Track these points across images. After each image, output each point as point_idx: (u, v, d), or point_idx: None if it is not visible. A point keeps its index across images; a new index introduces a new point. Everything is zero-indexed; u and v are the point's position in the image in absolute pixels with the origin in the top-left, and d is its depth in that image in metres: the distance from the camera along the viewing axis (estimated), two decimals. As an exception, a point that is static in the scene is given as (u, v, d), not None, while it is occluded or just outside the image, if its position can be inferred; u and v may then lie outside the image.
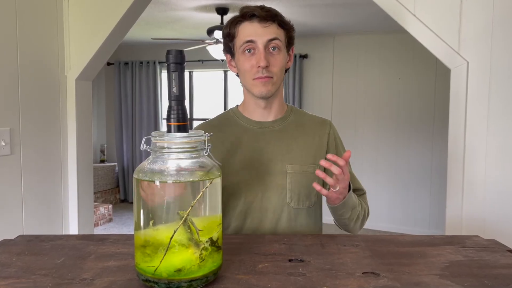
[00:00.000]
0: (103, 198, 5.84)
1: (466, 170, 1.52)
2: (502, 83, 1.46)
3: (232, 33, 1.15)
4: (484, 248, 0.91)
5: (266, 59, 1.10)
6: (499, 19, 1.45)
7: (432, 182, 4.79)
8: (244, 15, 1.12)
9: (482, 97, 1.49)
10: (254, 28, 1.11)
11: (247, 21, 1.12)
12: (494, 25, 1.46)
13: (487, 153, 1.49)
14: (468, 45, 1.49)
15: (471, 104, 1.51)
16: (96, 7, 1.94)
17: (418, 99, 4.80)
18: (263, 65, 1.09)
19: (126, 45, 5.91)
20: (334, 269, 0.79)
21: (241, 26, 1.13)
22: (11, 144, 1.70)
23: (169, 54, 0.73)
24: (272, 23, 1.11)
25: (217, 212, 0.74)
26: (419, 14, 1.53)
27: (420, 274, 0.77)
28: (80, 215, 2.04)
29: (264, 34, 1.10)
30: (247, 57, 1.13)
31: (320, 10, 3.92)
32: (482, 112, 1.49)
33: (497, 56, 1.46)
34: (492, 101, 1.48)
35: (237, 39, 1.14)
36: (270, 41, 1.11)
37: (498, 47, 1.46)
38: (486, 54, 1.48)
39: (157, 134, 0.73)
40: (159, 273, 0.68)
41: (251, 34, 1.11)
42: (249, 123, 1.21)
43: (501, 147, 1.47)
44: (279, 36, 1.13)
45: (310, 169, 1.18)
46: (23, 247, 0.90)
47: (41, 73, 1.86)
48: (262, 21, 1.10)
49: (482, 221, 1.50)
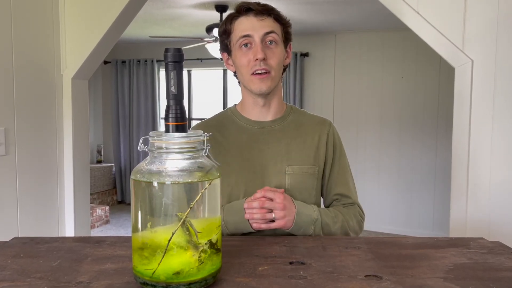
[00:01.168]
0: (100, 200, 5.84)
1: (471, 171, 1.52)
2: (508, 82, 1.46)
3: (228, 30, 1.16)
4: (489, 251, 0.91)
5: (263, 51, 1.10)
6: (504, 17, 1.45)
7: (436, 183, 4.79)
8: (239, 10, 1.13)
9: (487, 96, 1.49)
10: (250, 22, 1.11)
11: (243, 16, 1.13)
12: (499, 22, 1.46)
13: (492, 153, 1.49)
14: (473, 43, 1.49)
15: (475, 103, 1.51)
16: (93, 4, 1.94)
17: (422, 98, 4.80)
18: (260, 57, 1.09)
19: (123, 43, 5.91)
20: (335, 272, 0.79)
21: (237, 21, 1.14)
22: (6, 144, 1.70)
23: (167, 53, 0.73)
24: (268, 16, 1.12)
25: (216, 214, 0.74)
26: (422, 11, 1.53)
27: (423, 277, 0.77)
28: (77, 217, 2.04)
29: (261, 27, 1.11)
30: (244, 52, 1.13)
31: (321, 7, 3.92)
32: (487, 112, 1.49)
33: (502, 54, 1.46)
34: (497, 100, 1.48)
35: (233, 34, 1.15)
36: (267, 34, 1.11)
37: (504, 45, 1.46)
38: (491, 52, 1.48)
39: (155, 134, 0.73)
40: (157, 276, 0.68)
41: (247, 28, 1.11)
42: (248, 123, 1.21)
43: (506, 148, 1.47)
44: (276, 30, 1.13)
45: (310, 170, 1.18)
46: (18, 250, 0.90)
47: (37, 72, 1.86)
48: (258, 15, 1.11)
49: (487, 223, 1.50)
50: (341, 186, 1.23)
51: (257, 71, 1.11)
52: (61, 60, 1.99)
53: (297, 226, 1.07)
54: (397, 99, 4.90)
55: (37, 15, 1.86)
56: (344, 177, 1.24)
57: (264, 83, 1.12)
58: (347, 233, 1.16)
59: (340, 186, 1.23)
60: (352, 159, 1.36)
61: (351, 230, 1.17)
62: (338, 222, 1.14)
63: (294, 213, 1.06)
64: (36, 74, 1.86)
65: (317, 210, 1.12)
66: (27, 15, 1.80)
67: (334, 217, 1.14)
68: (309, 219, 1.08)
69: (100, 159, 6.30)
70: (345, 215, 1.17)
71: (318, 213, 1.11)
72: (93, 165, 5.93)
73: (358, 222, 1.20)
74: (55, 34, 1.96)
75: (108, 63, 6.09)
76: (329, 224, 1.12)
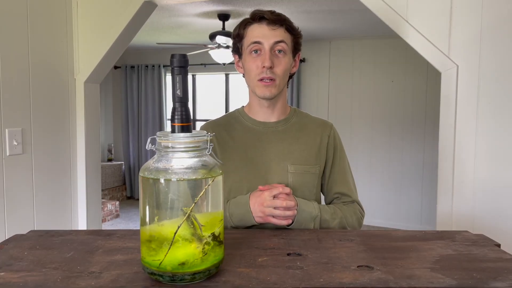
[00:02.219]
0: (111, 195, 5.84)
1: (456, 168, 1.52)
2: (490, 86, 1.46)
3: (241, 34, 1.15)
4: (473, 243, 0.91)
5: (270, 59, 1.09)
6: (488, 25, 1.45)
7: (423, 180, 4.79)
8: (254, 17, 1.12)
9: (471, 99, 1.49)
10: (262, 30, 1.11)
11: (256, 23, 1.12)
12: (483, 31, 1.46)
13: (476, 152, 1.49)
14: (458, 50, 1.49)
15: (460, 105, 1.50)
16: (104, 13, 1.94)
17: (411, 101, 4.80)
18: (267, 65, 1.09)
19: (133, 50, 5.91)
20: (330, 263, 0.79)
21: (250, 27, 1.13)
22: (23, 143, 1.70)
23: (173, 58, 0.73)
24: (280, 26, 1.11)
25: (219, 209, 0.74)
26: (412, 20, 1.53)
27: (412, 268, 0.77)
28: (89, 211, 2.04)
29: (271, 36, 1.10)
30: (253, 58, 1.12)
31: (317, 16, 3.92)
32: (471, 113, 1.49)
33: (485, 60, 1.46)
34: (481, 103, 1.48)
35: (245, 39, 1.14)
36: (276, 44, 1.10)
37: (487, 51, 1.46)
38: (475, 58, 1.48)
39: (162, 134, 0.72)
40: (163, 267, 0.68)
41: (258, 35, 1.10)
42: (253, 123, 1.20)
43: (489, 147, 1.47)
44: (286, 40, 1.12)
45: (311, 170, 1.17)
46: (34, 242, 0.90)
47: (51, 76, 1.86)
48: (270, 24, 1.10)
49: (471, 217, 1.50)
50: (341, 185, 1.22)
51: (263, 78, 1.11)
52: (74, 65, 1.99)
53: (297, 223, 1.06)
54: (387, 101, 4.90)
55: (52, 23, 1.86)
56: (344, 177, 1.23)
57: (268, 89, 1.12)
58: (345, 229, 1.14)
59: (340, 185, 1.22)
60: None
61: (350, 226, 1.15)
62: (337, 219, 1.13)
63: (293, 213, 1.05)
64: (51, 78, 1.86)
65: (317, 207, 1.11)
66: (43, 23, 1.80)
67: (333, 214, 1.13)
68: (310, 216, 1.08)
69: (110, 158, 6.29)
70: (344, 212, 1.16)
71: (318, 210, 1.10)
72: (104, 163, 5.92)
73: (357, 219, 1.18)
74: (68, 41, 1.95)
75: (118, 68, 6.09)
76: (328, 220, 1.11)
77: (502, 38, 1.44)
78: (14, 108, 1.66)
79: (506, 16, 1.43)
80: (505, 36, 1.44)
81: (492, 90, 1.46)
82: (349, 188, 1.22)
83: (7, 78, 1.62)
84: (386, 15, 1.57)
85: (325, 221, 1.10)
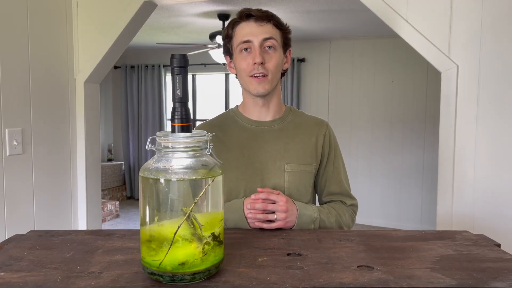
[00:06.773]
0: (111, 195, 5.84)
1: (456, 169, 1.52)
2: (490, 86, 1.46)
3: (230, 34, 1.15)
4: (473, 243, 0.91)
5: (261, 56, 1.10)
6: (488, 25, 1.45)
7: (424, 180, 4.79)
8: (241, 16, 1.13)
9: (471, 99, 1.49)
10: (250, 28, 1.11)
11: (243, 22, 1.12)
12: (483, 30, 1.46)
13: (476, 152, 1.49)
14: (458, 50, 1.49)
15: (460, 105, 1.50)
16: (104, 13, 1.94)
17: (411, 101, 4.80)
18: (258, 62, 1.09)
19: (132, 50, 5.91)
20: (330, 263, 0.79)
21: (238, 26, 1.13)
22: (23, 143, 1.70)
23: (173, 58, 0.73)
24: (267, 22, 1.12)
25: (219, 209, 0.74)
26: (411, 20, 1.53)
27: (412, 268, 0.77)
28: (89, 211, 2.04)
29: (260, 33, 1.10)
30: (243, 56, 1.13)
31: (317, 16, 3.92)
32: (471, 113, 1.49)
33: (485, 60, 1.46)
34: (481, 103, 1.48)
35: (234, 39, 1.14)
36: (266, 40, 1.11)
37: (487, 51, 1.46)
38: (475, 58, 1.48)
39: (162, 134, 0.72)
40: (163, 267, 0.68)
41: (247, 34, 1.11)
42: (248, 123, 1.20)
43: (489, 146, 1.47)
44: (275, 35, 1.12)
45: (307, 168, 1.17)
46: (34, 242, 0.90)
47: (51, 76, 1.86)
48: (258, 21, 1.11)
49: (471, 217, 1.50)
50: (335, 184, 1.23)
51: (255, 74, 1.11)
52: (74, 65, 1.99)
53: (298, 227, 1.06)
54: (388, 101, 4.90)
55: (52, 24, 1.86)
56: (338, 176, 1.23)
57: (261, 85, 1.12)
58: (340, 227, 1.17)
59: (334, 184, 1.23)
60: (345, 157, 1.35)
61: (344, 224, 1.18)
62: (332, 217, 1.15)
63: (295, 215, 1.05)
64: (51, 78, 1.86)
65: (316, 209, 1.12)
66: (43, 23, 1.80)
67: (329, 213, 1.15)
68: (310, 219, 1.09)
69: (110, 158, 6.29)
70: (338, 210, 1.18)
71: (317, 212, 1.11)
72: (104, 163, 5.92)
73: (350, 216, 1.20)
74: (68, 41, 1.95)
75: (118, 68, 6.09)
76: (325, 220, 1.13)
77: (502, 38, 1.44)
78: (14, 108, 1.66)
79: (506, 15, 1.43)
80: (505, 35, 1.44)
81: (492, 90, 1.46)
82: (342, 187, 1.24)
83: (7, 78, 1.62)
84: (386, 14, 1.57)
85: (322, 221, 1.13)
